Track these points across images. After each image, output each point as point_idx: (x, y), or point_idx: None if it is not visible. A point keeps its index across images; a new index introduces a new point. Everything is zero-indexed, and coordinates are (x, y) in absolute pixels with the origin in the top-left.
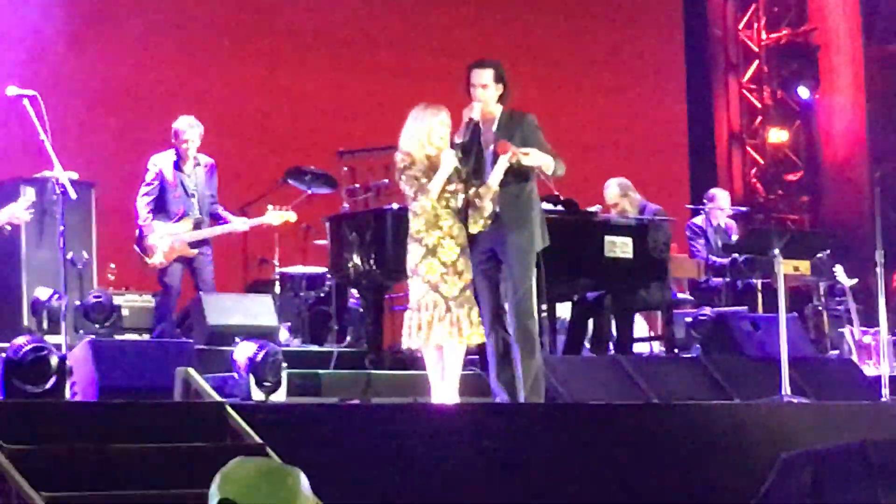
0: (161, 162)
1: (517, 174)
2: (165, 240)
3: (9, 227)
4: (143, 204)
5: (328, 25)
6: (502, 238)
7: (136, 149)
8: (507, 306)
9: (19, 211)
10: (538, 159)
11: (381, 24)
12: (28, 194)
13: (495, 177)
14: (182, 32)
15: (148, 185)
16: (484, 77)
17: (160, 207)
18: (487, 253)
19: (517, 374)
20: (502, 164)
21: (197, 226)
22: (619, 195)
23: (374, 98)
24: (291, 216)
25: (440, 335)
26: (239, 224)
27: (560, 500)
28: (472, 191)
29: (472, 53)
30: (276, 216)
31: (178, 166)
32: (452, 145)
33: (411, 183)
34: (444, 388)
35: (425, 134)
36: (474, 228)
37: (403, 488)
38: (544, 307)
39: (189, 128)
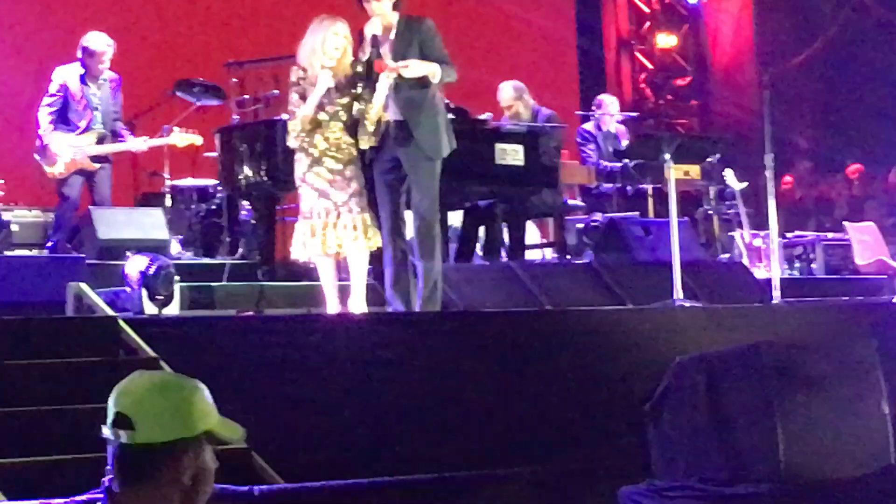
0: (66, 74)
1: (416, 81)
2: (67, 150)
3: None
4: (44, 114)
5: None
6: (408, 144)
7: (28, 61)
8: (408, 213)
9: None
10: (419, 69)
11: None
12: None
13: (378, 96)
14: None
15: (51, 96)
16: None
17: (62, 119)
18: (392, 162)
19: (417, 282)
20: (383, 82)
21: (100, 140)
22: (513, 97)
23: (262, 9)
24: (197, 139)
25: (335, 242)
26: (138, 143)
27: (456, 409)
28: (357, 108)
29: None
30: (181, 138)
31: (84, 80)
32: (355, 58)
33: (294, 96)
34: (354, 297)
35: (319, 44)
36: (363, 144)
37: (298, 399)
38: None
39: (108, 47)
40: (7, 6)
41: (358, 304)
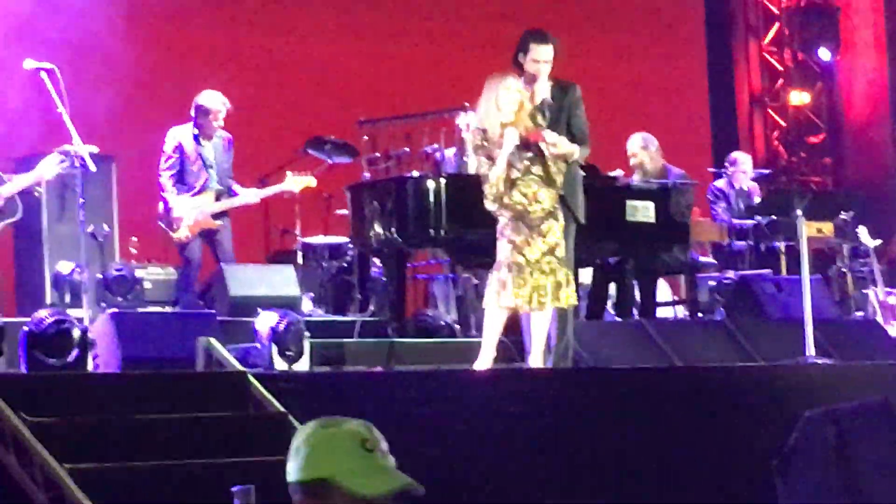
0: (180, 135)
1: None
2: (190, 213)
3: (39, 189)
4: (166, 178)
5: None
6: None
7: (157, 122)
8: None
9: (47, 168)
10: (564, 148)
11: None
12: (57, 155)
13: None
14: (201, 3)
15: (168, 158)
16: (550, 54)
17: (179, 180)
18: None
19: (550, 340)
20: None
21: (218, 198)
22: (639, 146)
23: (393, 66)
24: (311, 181)
25: (518, 299)
26: (251, 196)
27: (588, 464)
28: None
29: (493, 18)
30: (295, 182)
31: (197, 140)
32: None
33: (482, 159)
34: (535, 353)
35: (493, 103)
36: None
37: (430, 455)
38: None
39: (222, 105)
40: (138, 70)
41: (537, 360)
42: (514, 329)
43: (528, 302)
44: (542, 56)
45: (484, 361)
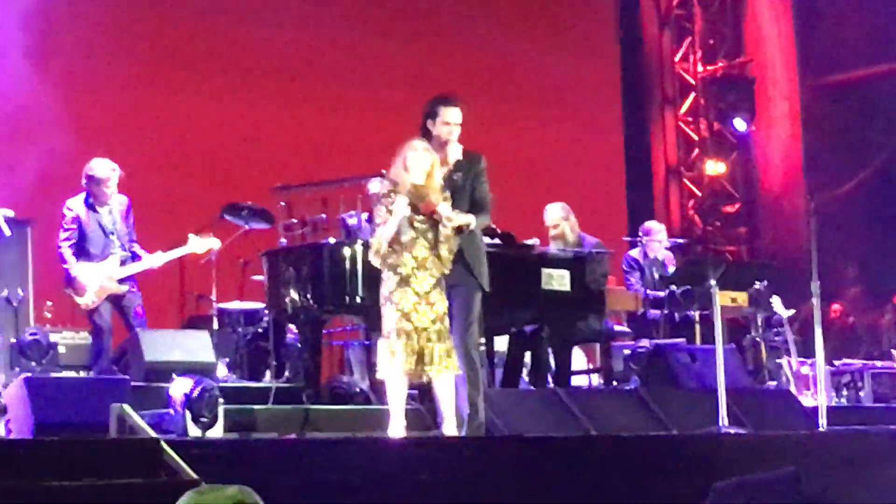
0: (75, 206)
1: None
2: (94, 279)
3: None
4: (66, 247)
5: (264, 59)
6: (455, 274)
7: (74, 186)
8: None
9: None
10: (460, 221)
11: (317, 57)
12: None
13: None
14: (120, 64)
15: (66, 229)
16: (459, 116)
17: (82, 249)
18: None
19: (460, 406)
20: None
21: (122, 262)
22: (561, 217)
23: (310, 133)
24: (215, 243)
25: (408, 366)
26: (154, 260)
27: None
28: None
29: (407, 86)
30: (198, 243)
31: (92, 208)
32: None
33: (384, 209)
34: (447, 422)
35: (401, 166)
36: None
37: None
38: (482, 340)
39: (112, 172)
40: (54, 134)
41: (451, 428)
42: (429, 396)
43: (421, 371)
44: (451, 118)
45: (396, 429)
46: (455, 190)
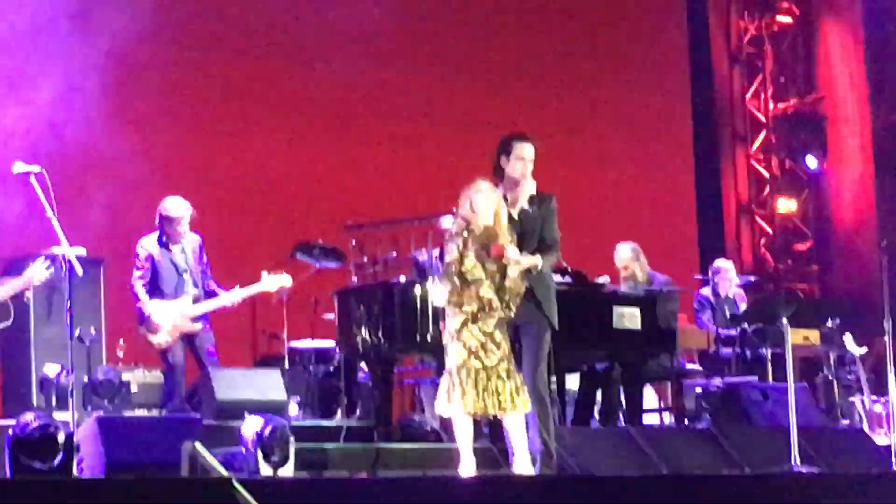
0: (148, 244)
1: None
2: (167, 318)
3: (29, 294)
4: (139, 286)
5: (336, 98)
6: (525, 312)
7: (146, 225)
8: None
9: (37, 272)
10: (528, 263)
11: (389, 96)
12: (45, 258)
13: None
14: (191, 107)
15: (139, 268)
16: (532, 151)
17: (155, 288)
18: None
19: (531, 444)
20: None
21: (195, 300)
22: (630, 258)
23: (382, 171)
24: (286, 280)
25: (475, 404)
26: (232, 296)
27: None
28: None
29: (479, 125)
30: (270, 281)
31: (165, 246)
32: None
33: (458, 246)
34: (518, 460)
35: (469, 209)
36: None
37: None
38: (553, 378)
39: (186, 211)
40: (126, 173)
41: (522, 466)
42: (500, 434)
43: (491, 408)
44: (525, 154)
45: (466, 468)
46: (528, 225)
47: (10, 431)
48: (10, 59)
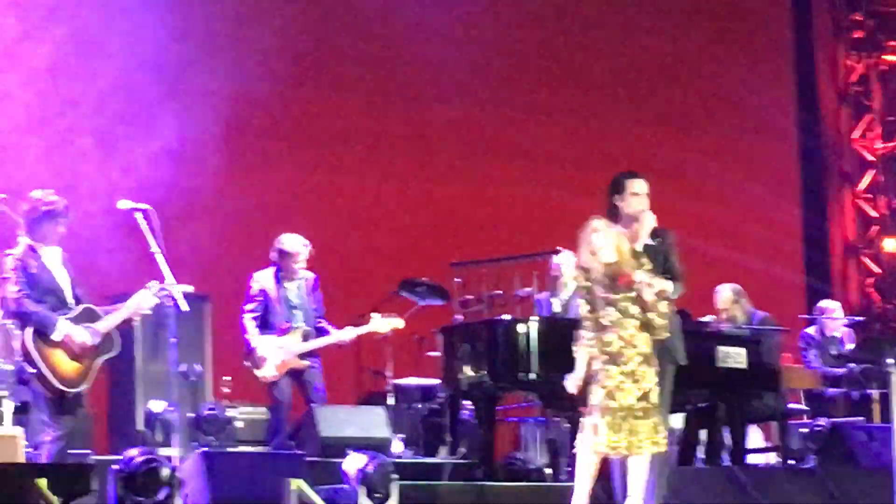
0: (263, 279)
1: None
2: (276, 353)
3: (137, 319)
4: (248, 319)
5: (441, 136)
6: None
7: (252, 261)
8: None
9: (145, 298)
10: (660, 285)
11: (496, 135)
12: (153, 286)
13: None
14: (292, 145)
15: (251, 301)
16: (645, 186)
17: (265, 322)
18: None
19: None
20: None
21: (305, 337)
22: (731, 300)
23: (486, 209)
24: (398, 323)
25: (612, 445)
26: (344, 334)
27: None
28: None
29: (585, 164)
30: (382, 323)
31: (280, 282)
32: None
33: (585, 297)
34: (632, 499)
35: (588, 251)
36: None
37: None
38: None
39: (303, 248)
40: (233, 210)
41: None
42: (602, 474)
43: (626, 448)
44: (639, 189)
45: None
46: (653, 259)
47: (116, 466)
48: (126, 96)
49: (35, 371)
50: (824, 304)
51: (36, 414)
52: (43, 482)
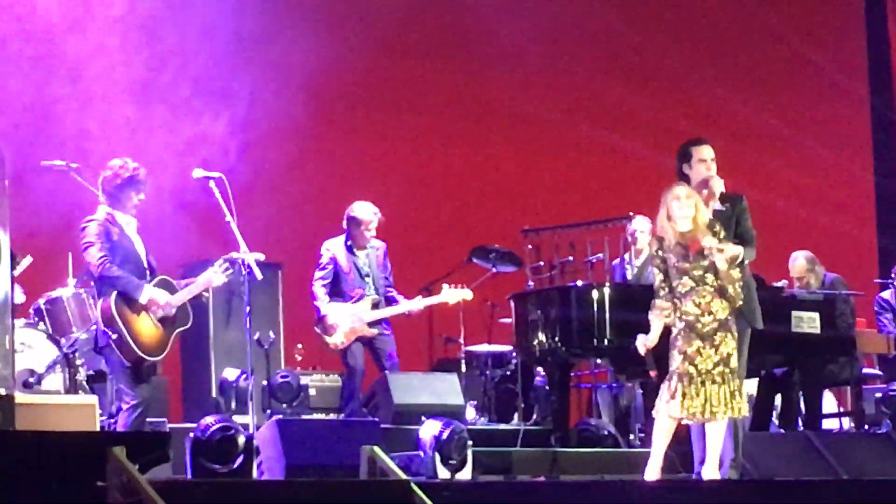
0: (334, 247)
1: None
2: (345, 320)
3: (206, 294)
4: (318, 286)
5: (511, 104)
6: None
7: (325, 229)
8: None
9: (215, 275)
10: (731, 251)
11: (568, 101)
12: (220, 263)
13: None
14: (366, 113)
15: (322, 269)
16: (711, 152)
17: (336, 290)
18: None
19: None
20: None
21: (375, 306)
22: (806, 268)
23: (557, 176)
24: (467, 294)
25: (690, 410)
26: (414, 304)
27: None
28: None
29: (656, 130)
30: (451, 294)
31: (350, 250)
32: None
33: (659, 266)
34: (709, 464)
35: (665, 215)
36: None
37: None
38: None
39: (374, 216)
40: (304, 178)
41: (712, 471)
42: (678, 439)
43: (702, 413)
44: (706, 154)
45: (652, 471)
46: (723, 224)
47: (191, 434)
48: (206, 66)
49: (116, 337)
50: None
51: (114, 383)
52: (120, 450)
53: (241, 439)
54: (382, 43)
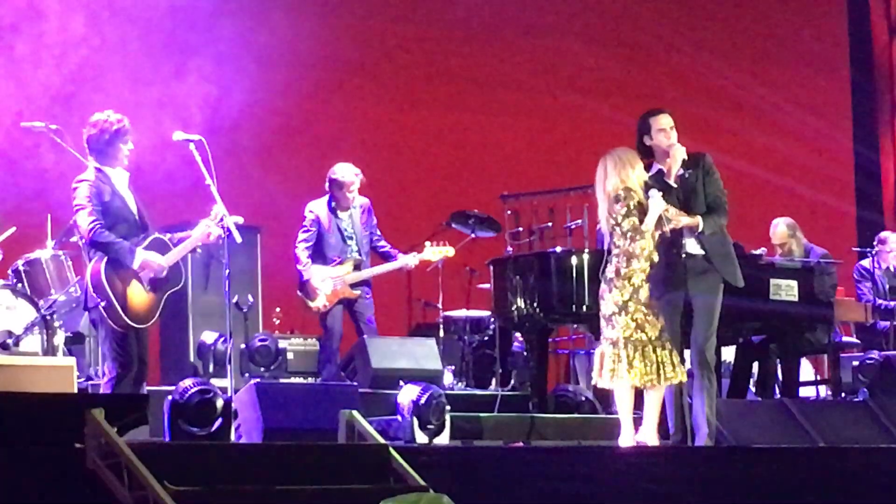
0: (317, 208)
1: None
2: (327, 283)
3: (199, 249)
4: (301, 249)
5: (490, 70)
6: (699, 281)
7: (303, 193)
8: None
9: (213, 227)
10: (683, 222)
11: (543, 68)
12: (216, 209)
13: (650, 219)
14: (347, 78)
15: (305, 231)
16: (671, 120)
17: (318, 252)
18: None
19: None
20: (656, 205)
21: (357, 267)
22: (787, 235)
23: (537, 141)
24: (449, 251)
25: (642, 376)
26: (409, 259)
27: None
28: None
29: (634, 96)
30: (434, 252)
31: (333, 211)
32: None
33: (629, 220)
34: (646, 429)
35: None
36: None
37: None
38: None
39: (355, 177)
40: (282, 142)
41: (650, 436)
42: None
43: (658, 379)
44: (664, 123)
45: (626, 438)
46: (689, 190)
47: (170, 397)
48: (186, 28)
49: (104, 304)
50: (885, 234)
51: (101, 346)
52: (98, 412)
53: (220, 402)
54: (361, 8)
